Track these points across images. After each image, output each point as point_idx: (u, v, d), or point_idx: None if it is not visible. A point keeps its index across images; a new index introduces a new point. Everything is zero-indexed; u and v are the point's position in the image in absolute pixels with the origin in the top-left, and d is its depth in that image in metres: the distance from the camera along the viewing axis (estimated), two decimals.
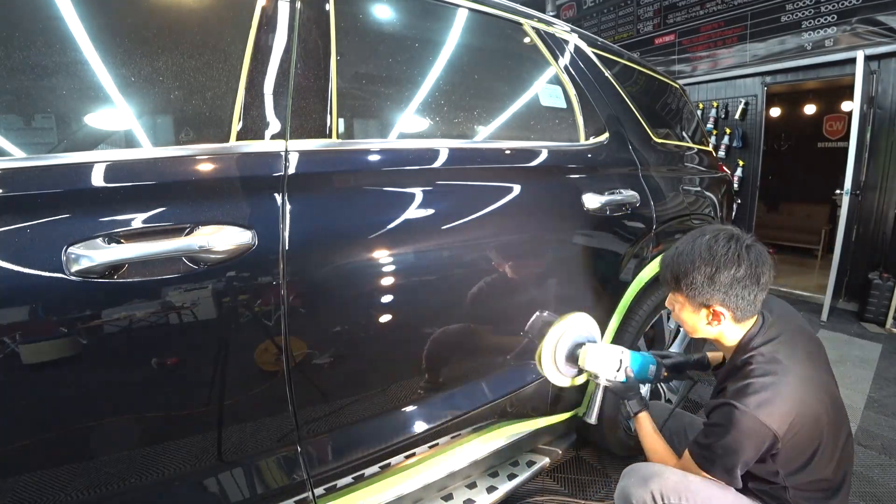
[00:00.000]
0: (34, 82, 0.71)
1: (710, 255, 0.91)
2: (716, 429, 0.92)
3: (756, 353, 0.93)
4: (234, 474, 0.81)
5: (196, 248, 0.69)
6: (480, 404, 1.12)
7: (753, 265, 0.91)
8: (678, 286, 0.97)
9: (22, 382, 0.62)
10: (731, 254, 0.90)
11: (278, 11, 0.86)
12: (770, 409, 0.86)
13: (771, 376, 0.89)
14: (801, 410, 0.88)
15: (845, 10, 3.41)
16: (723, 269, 0.90)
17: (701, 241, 0.94)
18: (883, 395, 2.27)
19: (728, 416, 0.89)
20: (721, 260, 0.90)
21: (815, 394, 0.91)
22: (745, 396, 0.88)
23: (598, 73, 1.48)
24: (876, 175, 3.47)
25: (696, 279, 0.93)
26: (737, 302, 0.92)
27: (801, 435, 0.89)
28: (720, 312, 0.95)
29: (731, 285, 0.91)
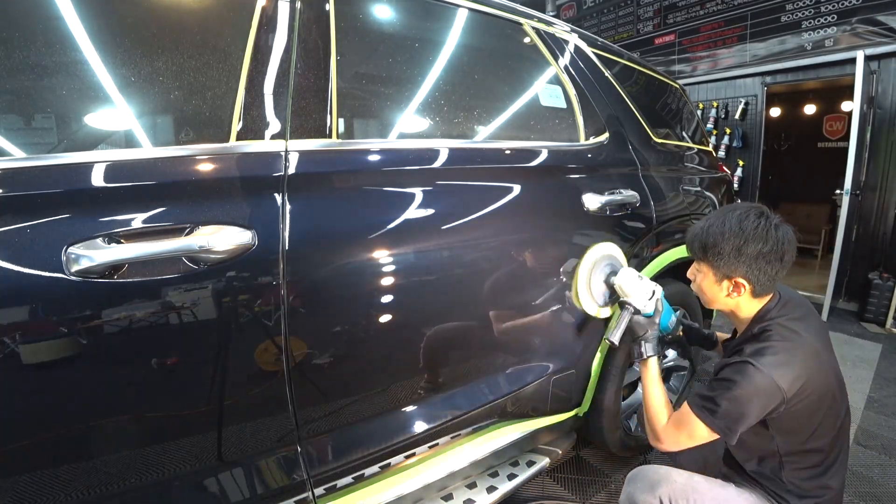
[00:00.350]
0: (34, 82, 0.71)
1: (740, 228, 0.94)
2: (725, 383, 0.93)
3: (773, 322, 0.96)
4: (234, 474, 0.81)
5: (196, 248, 0.69)
6: (480, 404, 1.12)
7: (780, 243, 0.93)
8: (704, 255, 0.99)
9: (22, 382, 0.62)
10: (760, 229, 0.93)
11: (278, 11, 0.86)
12: (785, 370, 0.88)
13: (789, 342, 0.92)
14: (811, 378, 0.90)
15: (845, 10, 3.41)
16: (751, 242, 0.93)
17: (732, 215, 0.97)
18: (883, 395, 2.27)
19: (742, 371, 0.91)
20: (750, 234, 0.93)
21: (825, 369, 0.94)
22: (762, 356, 0.90)
23: (598, 73, 1.48)
24: (876, 175, 3.47)
25: (723, 249, 0.95)
26: (758, 276, 0.95)
27: (806, 403, 0.91)
28: (742, 284, 0.97)
29: (755, 259, 0.93)
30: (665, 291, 1.49)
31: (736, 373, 0.92)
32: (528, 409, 1.24)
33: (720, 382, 0.95)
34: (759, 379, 0.89)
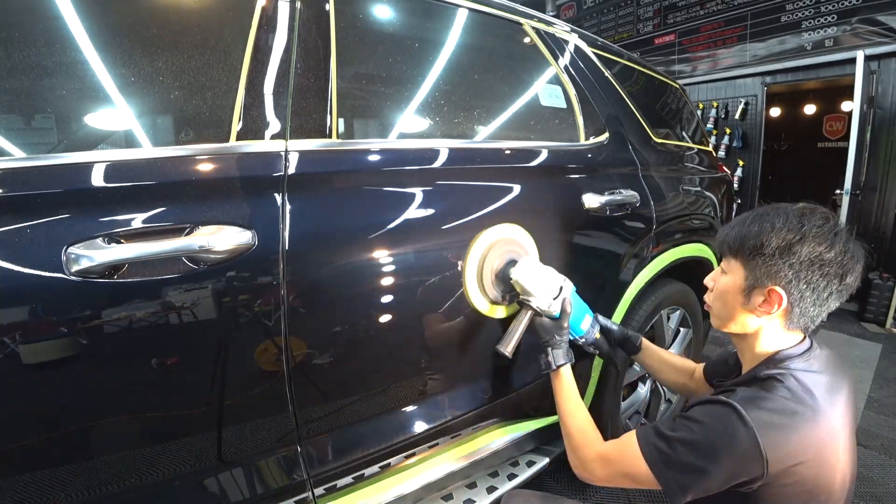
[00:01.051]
0: (34, 82, 0.71)
1: (799, 223, 0.71)
2: (693, 425, 0.71)
3: (791, 373, 0.71)
4: (234, 474, 0.81)
5: (196, 248, 0.69)
6: (481, 404, 1.12)
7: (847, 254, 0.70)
8: (741, 249, 0.75)
9: (22, 382, 0.62)
10: (826, 230, 0.70)
11: (278, 11, 0.86)
12: (777, 437, 0.66)
13: (798, 405, 0.68)
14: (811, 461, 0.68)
15: (845, 10, 3.41)
16: (809, 240, 0.69)
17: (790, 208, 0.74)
18: (883, 395, 2.27)
19: (720, 417, 0.69)
20: (812, 230, 0.70)
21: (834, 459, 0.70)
22: (755, 407, 0.68)
23: (598, 73, 1.48)
24: (876, 175, 3.48)
25: (769, 242, 0.71)
26: (804, 292, 0.71)
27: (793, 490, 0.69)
28: (778, 297, 0.72)
29: (810, 264, 0.70)
30: (665, 292, 1.49)
31: (711, 416, 0.70)
32: (529, 409, 1.24)
33: (685, 422, 0.73)
34: (739, 434, 0.66)
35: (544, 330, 0.99)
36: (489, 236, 1.01)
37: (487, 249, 1.01)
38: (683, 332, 1.75)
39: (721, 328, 0.83)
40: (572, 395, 0.95)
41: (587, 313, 1.12)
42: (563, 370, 0.98)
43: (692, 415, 0.74)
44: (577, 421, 0.91)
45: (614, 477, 0.81)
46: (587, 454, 0.86)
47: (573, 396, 0.95)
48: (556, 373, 0.98)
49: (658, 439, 0.74)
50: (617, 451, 0.81)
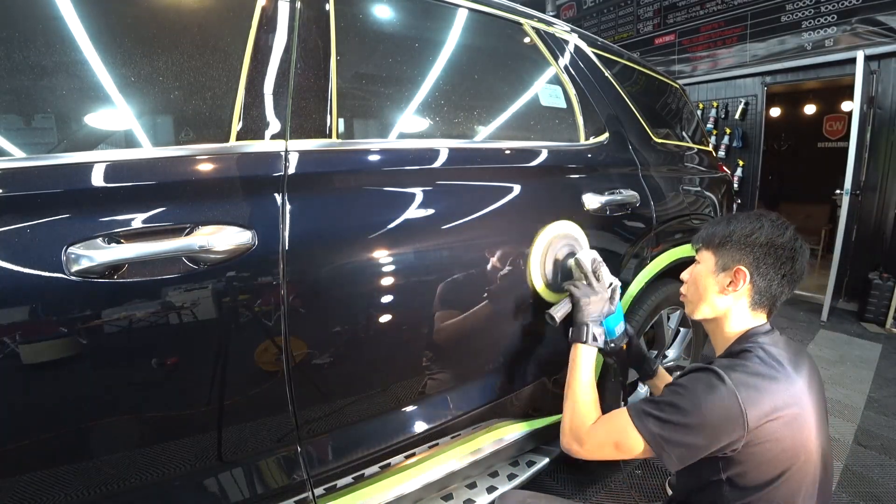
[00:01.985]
0: (34, 82, 0.71)
1: (759, 219, 0.88)
2: (679, 388, 0.80)
3: (759, 346, 0.83)
4: (234, 474, 0.81)
5: (196, 248, 0.69)
6: (481, 404, 1.12)
7: (796, 242, 0.86)
8: (711, 241, 0.91)
9: (22, 382, 0.62)
10: (778, 224, 0.87)
11: (278, 11, 0.86)
12: (755, 395, 0.75)
13: (769, 369, 0.79)
14: (786, 418, 0.76)
15: (845, 10, 3.41)
16: (766, 229, 0.86)
17: (751, 212, 0.91)
18: (883, 395, 2.27)
19: (703, 379, 0.78)
20: (767, 225, 0.87)
21: (805, 422, 0.79)
22: (733, 370, 0.78)
23: (598, 73, 1.48)
24: (876, 175, 3.47)
25: (734, 233, 0.88)
26: (764, 272, 0.86)
27: (769, 448, 0.76)
28: (742, 275, 0.86)
29: (767, 249, 0.85)
30: (665, 292, 1.49)
31: (695, 380, 0.79)
32: (529, 408, 1.24)
33: (673, 387, 0.82)
34: (721, 393, 0.75)
35: (591, 306, 1.06)
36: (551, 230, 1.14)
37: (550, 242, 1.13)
38: (683, 332, 1.75)
39: (693, 314, 0.95)
40: (589, 373, 1.01)
41: (622, 321, 1.15)
42: (591, 348, 1.04)
43: (678, 381, 0.83)
44: (585, 396, 0.97)
45: (603, 445, 0.87)
46: (581, 425, 0.93)
47: (589, 375, 1.00)
48: (586, 347, 1.04)
49: (646, 404, 0.83)
50: (608, 423, 0.89)
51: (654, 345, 1.66)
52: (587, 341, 1.04)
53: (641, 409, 0.83)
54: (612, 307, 1.09)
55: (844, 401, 2.20)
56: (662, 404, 0.80)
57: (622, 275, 1.37)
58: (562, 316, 1.07)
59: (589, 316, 1.05)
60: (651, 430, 0.80)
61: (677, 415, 0.78)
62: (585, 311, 1.05)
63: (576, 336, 1.06)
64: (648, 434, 0.80)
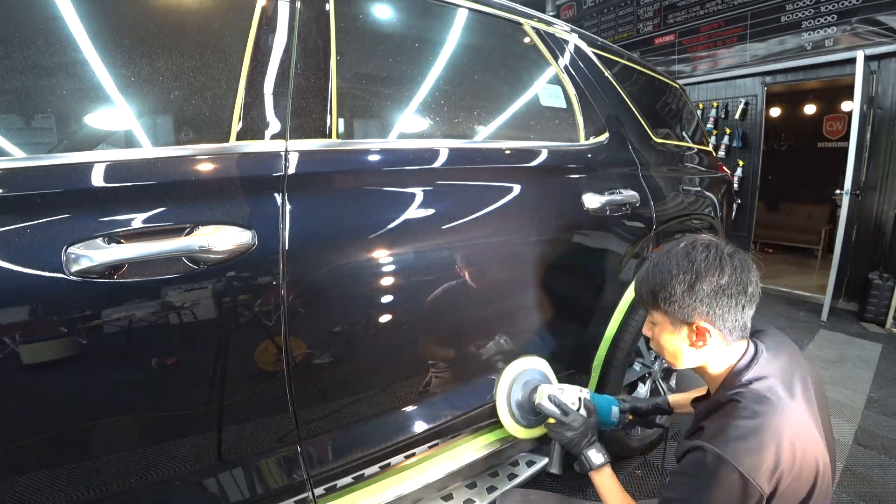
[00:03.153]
0: (34, 82, 0.71)
1: (689, 261, 0.81)
2: (685, 479, 0.77)
3: (745, 390, 0.78)
4: (234, 474, 0.81)
5: (196, 248, 0.69)
6: (480, 404, 1.12)
7: (738, 271, 0.80)
8: (655, 301, 0.84)
9: (22, 382, 0.62)
10: (711, 259, 0.80)
11: (278, 11, 0.86)
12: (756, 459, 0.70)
13: (758, 419, 0.74)
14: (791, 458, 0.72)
15: (845, 10, 3.41)
16: (704, 275, 0.79)
17: (676, 249, 0.84)
18: (883, 395, 2.27)
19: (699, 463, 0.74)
20: (701, 266, 0.80)
21: (811, 436, 0.76)
22: (724, 442, 0.73)
23: (598, 73, 1.48)
24: (876, 175, 3.47)
25: (674, 290, 0.80)
26: (723, 315, 0.80)
27: (792, 487, 0.73)
28: (705, 329, 0.81)
29: (715, 295, 0.79)
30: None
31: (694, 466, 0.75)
32: None
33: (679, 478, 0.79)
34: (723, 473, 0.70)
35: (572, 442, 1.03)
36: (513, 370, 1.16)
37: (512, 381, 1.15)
38: None
39: (676, 366, 0.90)
40: (615, 491, 0.97)
41: (612, 404, 1.15)
42: (604, 469, 1.00)
43: (680, 469, 0.79)
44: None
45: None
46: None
47: (616, 492, 0.96)
48: (598, 472, 0.99)
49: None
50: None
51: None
52: (594, 468, 1.00)
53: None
54: (592, 417, 1.08)
55: (844, 401, 2.20)
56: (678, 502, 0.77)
57: (622, 275, 1.37)
58: (560, 461, 1.10)
59: (581, 444, 1.02)
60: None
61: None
62: (575, 444, 1.03)
63: (582, 469, 1.02)
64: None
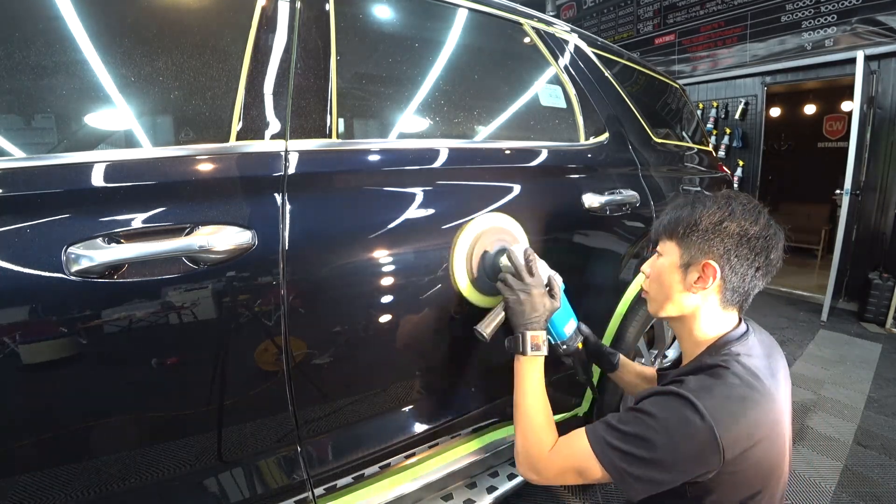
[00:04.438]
0: (34, 82, 0.71)
1: (727, 203, 0.76)
2: (647, 419, 0.69)
3: (734, 359, 0.73)
4: (234, 474, 0.81)
5: (196, 248, 0.69)
6: (481, 404, 1.12)
7: (770, 230, 0.75)
8: (674, 230, 0.78)
9: (22, 382, 0.62)
10: (750, 208, 0.76)
11: (278, 11, 0.86)
12: (732, 425, 0.66)
13: (748, 390, 0.70)
14: (763, 441, 0.69)
15: (845, 10, 3.41)
16: (736, 216, 0.74)
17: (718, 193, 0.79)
18: (883, 395, 2.27)
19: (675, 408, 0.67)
20: (738, 209, 0.75)
21: (784, 429, 0.74)
22: (710, 396, 0.68)
23: (598, 73, 1.48)
24: (876, 175, 3.48)
25: (701, 221, 0.75)
26: (735, 266, 0.74)
27: (746, 471, 0.69)
28: (712, 271, 0.75)
29: (739, 241, 0.74)
30: None
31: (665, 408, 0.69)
32: None
33: (638, 415, 0.71)
34: (696, 427, 0.65)
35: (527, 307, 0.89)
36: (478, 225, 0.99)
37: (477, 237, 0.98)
38: None
39: (658, 312, 0.84)
40: (537, 389, 0.87)
41: (572, 318, 1.04)
42: (535, 359, 0.88)
43: (644, 407, 0.72)
44: (538, 418, 0.84)
45: (564, 473, 0.78)
46: (538, 452, 0.82)
47: (538, 391, 0.87)
48: (527, 359, 0.88)
49: (609, 433, 0.73)
50: (567, 449, 0.78)
51: (654, 345, 1.66)
52: (526, 352, 0.88)
53: (603, 437, 0.73)
54: (555, 303, 0.94)
55: (844, 401, 2.20)
56: (628, 435, 0.70)
57: (622, 274, 1.37)
58: (494, 329, 0.91)
59: (526, 319, 0.89)
60: (613, 463, 0.70)
61: (644, 449, 0.68)
62: (520, 314, 0.89)
63: (513, 346, 0.90)
64: (610, 466, 0.71)
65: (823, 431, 1.95)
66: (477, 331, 0.91)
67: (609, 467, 0.71)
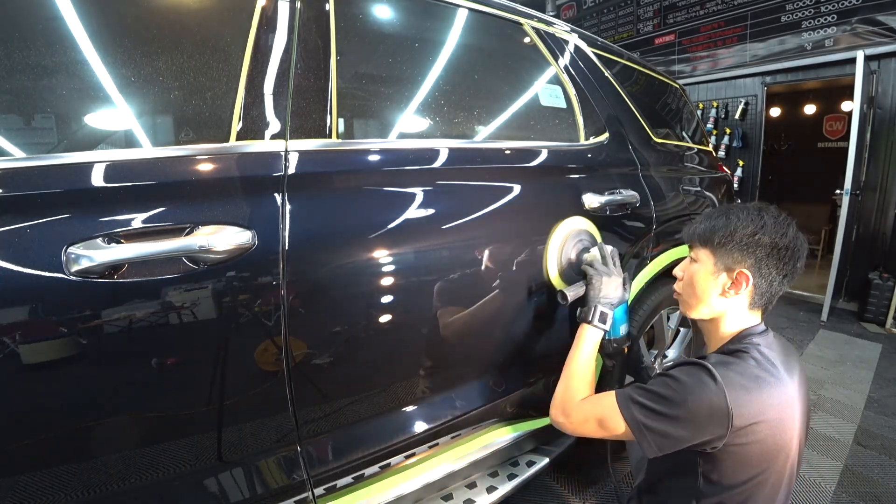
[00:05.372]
0: (34, 82, 0.71)
1: (759, 216, 0.84)
2: (668, 380, 0.80)
3: (755, 347, 0.82)
4: (234, 474, 0.81)
5: (196, 248, 0.69)
6: (481, 404, 1.11)
7: (798, 242, 0.84)
8: (710, 239, 0.86)
9: (22, 382, 0.62)
10: (781, 222, 0.84)
11: (278, 11, 0.86)
12: (744, 395, 0.75)
13: (763, 372, 0.78)
14: (770, 424, 0.76)
15: (845, 10, 3.41)
16: (769, 230, 0.82)
17: (749, 205, 0.87)
18: (883, 395, 2.27)
19: (694, 374, 0.78)
20: (770, 222, 0.83)
21: (790, 426, 0.80)
22: (725, 368, 0.77)
23: (598, 73, 1.48)
24: (876, 175, 3.47)
25: (735, 233, 0.83)
26: (765, 275, 0.83)
27: (751, 449, 0.77)
28: (744, 278, 0.83)
29: (770, 251, 0.82)
30: (665, 292, 1.49)
31: (686, 373, 0.79)
32: (529, 408, 1.24)
33: (663, 377, 0.82)
34: (711, 390, 0.75)
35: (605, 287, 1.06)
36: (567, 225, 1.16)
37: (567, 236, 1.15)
38: (683, 332, 1.75)
39: (690, 313, 0.92)
40: (589, 355, 1.01)
41: (627, 324, 1.15)
42: (596, 331, 1.04)
43: (669, 372, 0.82)
44: (581, 375, 0.98)
45: (589, 424, 0.89)
46: (570, 399, 0.95)
47: (589, 357, 1.01)
48: (591, 328, 1.03)
49: (635, 391, 0.83)
50: (595, 402, 0.90)
51: (655, 344, 1.66)
52: (594, 321, 1.03)
53: (629, 393, 0.84)
54: (624, 294, 1.10)
55: (844, 401, 2.20)
56: (650, 392, 0.81)
57: None
58: (573, 296, 1.07)
59: (601, 296, 1.05)
60: (634, 416, 0.81)
61: (662, 404, 0.79)
62: (598, 290, 1.06)
63: (584, 316, 1.06)
64: (631, 419, 0.81)
65: (823, 431, 1.95)
66: (561, 292, 1.07)
67: (630, 420, 0.81)
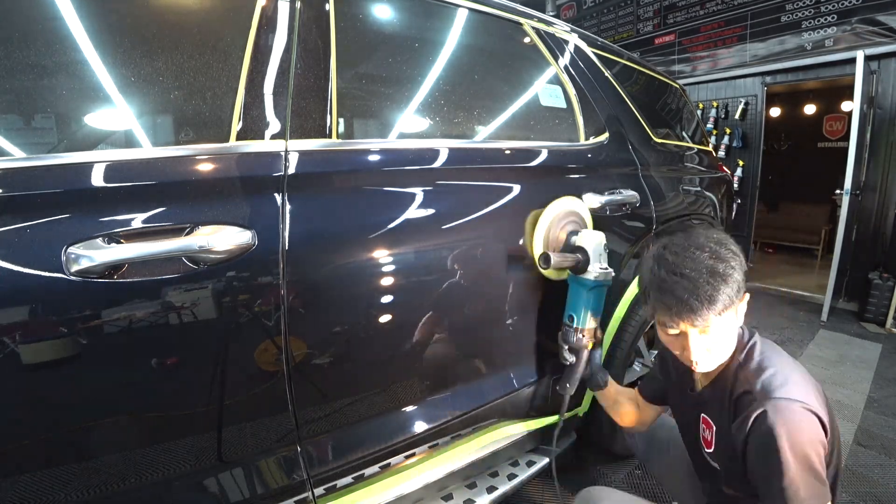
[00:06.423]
0: (34, 82, 0.71)
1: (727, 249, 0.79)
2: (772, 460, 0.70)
3: (756, 346, 0.83)
4: (234, 474, 0.81)
5: (196, 248, 0.69)
6: (480, 404, 1.12)
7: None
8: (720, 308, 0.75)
9: (22, 382, 0.62)
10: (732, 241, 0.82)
11: (278, 11, 0.86)
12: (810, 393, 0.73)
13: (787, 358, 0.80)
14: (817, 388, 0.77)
15: (845, 10, 3.41)
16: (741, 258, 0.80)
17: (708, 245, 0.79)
18: (883, 395, 2.27)
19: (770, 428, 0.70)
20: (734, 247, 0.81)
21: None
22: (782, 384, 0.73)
23: (598, 73, 1.48)
24: (876, 175, 3.47)
25: (739, 275, 0.77)
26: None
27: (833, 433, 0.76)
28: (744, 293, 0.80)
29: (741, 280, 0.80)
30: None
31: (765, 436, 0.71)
32: (529, 408, 1.24)
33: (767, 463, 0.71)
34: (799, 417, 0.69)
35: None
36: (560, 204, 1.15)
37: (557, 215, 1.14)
38: None
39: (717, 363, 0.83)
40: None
41: (599, 317, 1.16)
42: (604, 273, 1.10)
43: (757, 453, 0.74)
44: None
45: None
46: None
47: None
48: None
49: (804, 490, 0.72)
50: None
51: (655, 345, 1.66)
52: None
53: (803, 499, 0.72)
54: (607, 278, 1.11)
55: (844, 401, 2.20)
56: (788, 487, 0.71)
57: (622, 275, 1.37)
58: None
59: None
60: None
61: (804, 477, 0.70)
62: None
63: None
64: None
65: None
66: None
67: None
